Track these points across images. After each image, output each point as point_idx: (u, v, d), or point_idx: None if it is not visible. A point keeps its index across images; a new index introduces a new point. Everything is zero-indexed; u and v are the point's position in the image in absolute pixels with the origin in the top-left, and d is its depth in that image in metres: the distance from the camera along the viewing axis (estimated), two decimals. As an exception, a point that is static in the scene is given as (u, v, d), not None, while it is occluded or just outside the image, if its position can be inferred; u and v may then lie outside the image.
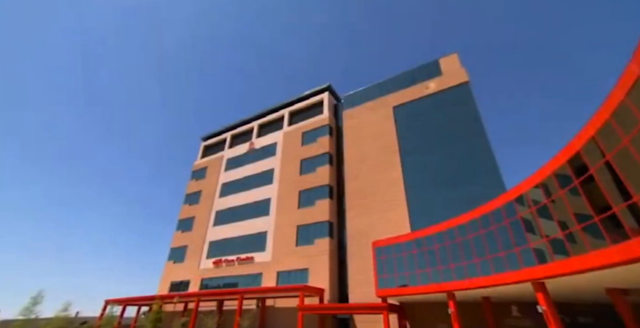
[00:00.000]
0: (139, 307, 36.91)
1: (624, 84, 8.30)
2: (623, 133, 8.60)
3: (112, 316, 28.87)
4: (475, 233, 16.85)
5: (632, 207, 8.80)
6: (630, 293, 12.91)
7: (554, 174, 12.50)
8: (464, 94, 28.45)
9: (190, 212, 43.16)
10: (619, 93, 8.52)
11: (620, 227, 9.30)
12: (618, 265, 9.48)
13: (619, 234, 9.36)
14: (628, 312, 12.29)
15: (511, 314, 19.76)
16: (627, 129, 8.44)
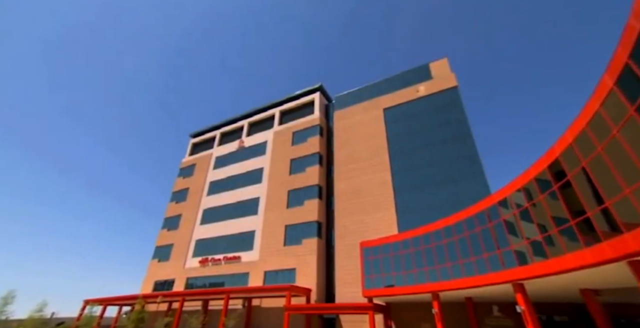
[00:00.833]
0: (120, 307, 35.95)
1: (599, 94, 8.72)
2: (597, 141, 9.01)
3: (91, 316, 27.94)
4: (460, 235, 17.27)
5: (604, 212, 9.25)
6: (601, 293, 13.56)
7: (535, 179, 12.96)
8: (453, 98, 29.08)
9: (177, 210, 42.33)
10: (594, 103, 8.94)
11: (594, 231, 9.76)
12: (591, 267, 9.94)
13: (593, 237, 9.81)
14: (599, 310, 12.93)
15: (492, 314, 20.33)
16: (601, 138, 8.85)
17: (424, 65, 33.54)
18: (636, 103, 7.17)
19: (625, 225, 8.38)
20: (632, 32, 7.02)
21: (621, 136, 8.02)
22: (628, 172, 8.04)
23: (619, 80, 7.72)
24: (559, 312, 19.10)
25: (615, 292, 13.24)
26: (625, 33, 7.34)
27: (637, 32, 6.79)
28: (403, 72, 35.02)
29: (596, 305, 13.16)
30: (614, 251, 8.83)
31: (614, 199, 8.77)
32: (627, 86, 7.43)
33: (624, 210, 8.44)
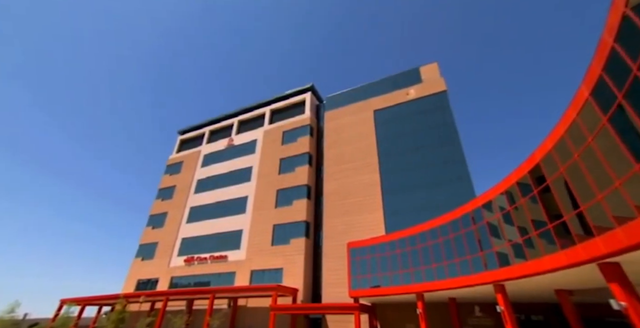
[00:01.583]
0: (100, 307, 34.92)
1: (576, 104, 9.11)
2: (574, 149, 9.42)
3: (67, 317, 26.90)
4: (446, 237, 17.63)
5: (579, 216, 9.67)
6: (574, 293, 14.16)
7: (517, 183, 13.38)
8: (442, 102, 29.64)
9: (163, 208, 41.50)
10: (571, 112, 9.34)
11: (570, 234, 10.18)
12: (566, 268, 10.37)
13: (568, 240, 10.23)
14: (571, 310, 13.52)
15: (474, 314, 20.86)
16: (577, 145, 9.25)
17: (414, 68, 34.06)
18: (609, 113, 7.54)
19: (597, 229, 8.79)
20: (605, 46, 7.39)
21: (595, 144, 8.41)
22: (601, 178, 8.43)
23: (594, 91, 8.10)
24: (535, 311, 19.80)
25: (586, 293, 13.85)
26: (599, 47, 7.71)
27: (609, 46, 7.15)
28: (394, 75, 35.46)
29: (569, 304, 13.74)
30: (587, 253, 9.24)
31: (587, 204, 9.19)
32: (601, 97, 7.81)
33: (597, 214, 8.86)
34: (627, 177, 7.31)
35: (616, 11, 6.84)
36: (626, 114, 6.94)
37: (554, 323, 18.58)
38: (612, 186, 7.95)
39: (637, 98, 6.56)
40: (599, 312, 15.54)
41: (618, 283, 8.78)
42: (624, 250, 7.77)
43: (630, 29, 6.42)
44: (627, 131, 7.06)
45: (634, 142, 6.89)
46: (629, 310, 8.26)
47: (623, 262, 8.80)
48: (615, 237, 8.01)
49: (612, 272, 8.99)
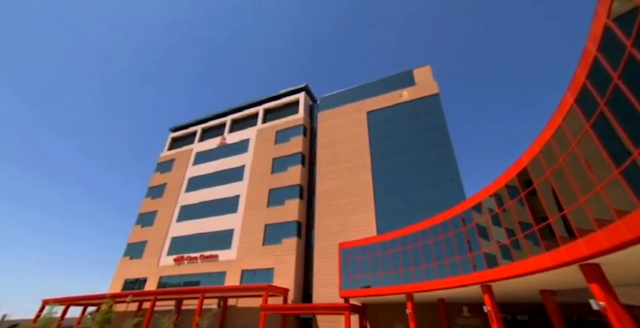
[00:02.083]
0: (84, 307, 34.12)
1: (561, 110, 9.39)
2: (560, 153, 9.70)
3: (50, 318, 26.11)
4: (436, 238, 17.87)
5: (564, 218, 9.96)
6: (557, 294, 14.57)
7: (506, 186, 13.67)
8: (434, 104, 30.04)
9: (153, 206, 40.87)
10: (557, 118, 9.62)
11: (554, 236, 10.46)
12: (550, 269, 10.66)
13: (553, 242, 10.52)
14: (555, 309, 13.92)
15: (462, 314, 21.20)
16: (562, 150, 9.53)
17: (407, 71, 34.41)
18: (592, 120, 7.81)
19: (580, 231, 9.08)
20: (589, 55, 7.65)
21: (579, 150, 8.68)
22: (584, 182, 8.71)
23: (578, 98, 8.37)
24: (521, 311, 20.27)
25: (569, 293, 14.26)
26: (583, 55, 7.97)
27: (593, 55, 7.40)
28: (387, 77, 35.76)
29: (553, 304, 14.13)
30: (569, 255, 9.52)
31: (571, 207, 9.47)
32: (585, 104, 8.07)
33: (579, 217, 9.15)
34: (608, 182, 7.57)
35: (599, 21, 7.09)
36: (608, 120, 7.19)
37: (538, 323, 19.06)
38: (594, 190, 8.22)
39: (618, 106, 6.80)
40: (580, 312, 16.04)
41: (598, 284, 9.08)
42: (604, 251, 8.04)
43: (612, 39, 6.66)
44: (608, 137, 7.32)
45: (614, 148, 7.15)
46: (607, 310, 8.56)
47: (603, 263, 9.10)
48: (596, 239, 8.29)
49: (593, 273, 9.29)
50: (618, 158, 7.06)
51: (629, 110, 6.38)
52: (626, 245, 7.26)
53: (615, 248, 7.59)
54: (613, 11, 6.50)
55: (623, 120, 6.72)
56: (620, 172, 7.02)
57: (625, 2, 6.04)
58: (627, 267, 9.50)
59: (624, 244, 7.26)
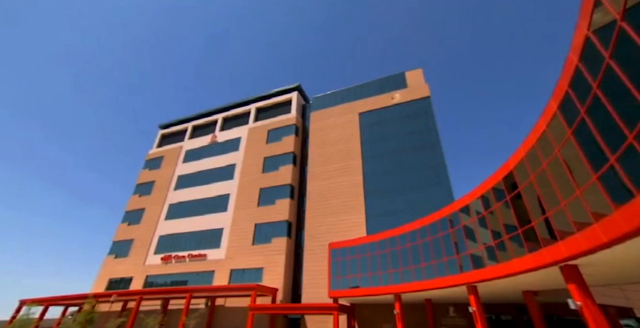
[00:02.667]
0: (65, 307, 33.12)
1: (545, 116, 9.72)
2: (544, 158, 10.03)
3: (27, 318, 25.13)
4: (424, 239, 18.13)
5: (547, 221, 10.29)
6: (539, 294, 15.03)
7: (493, 188, 13.98)
8: (425, 107, 30.47)
9: (140, 204, 40.09)
10: (542, 124, 9.95)
11: (537, 238, 10.79)
12: (532, 271, 10.99)
13: (536, 244, 10.85)
14: (536, 309, 14.36)
15: (448, 314, 21.58)
16: (546, 155, 9.86)
17: (400, 73, 34.81)
18: (573, 127, 8.12)
19: (560, 234, 9.41)
20: (571, 64, 7.96)
21: (561, 155, 9.00)
22: (565, 187, 9.04)
23: (561, 105, 8.69)
24: (505, 311, 20.80)
25: (550, 293, 14.74)
26: (566, 64, 8.29)
27: (574, 64, 7.71)
28: (380, 79, 36.09)
29: (535, 304, 14.57)
30: (551, 256, 9.86)
31: (553, 210, 9.80)
32: (567, 111, 8.39)
33: (561, 220, 9.47)
34: (587, 186, 7.88)
35: (580, 33, 7.39)
36: (588, 128, 7.49)
37: (521, 322, 19.60)
38: (574, 194, 8.54)
39: (597, 114, 7.10)
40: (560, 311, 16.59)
41: (575, 284, 9.43)
42: (582, 253, 8.36)
43: (592, 50, 6.95)
44: (588, 144, 7.62)
45: (593, 154, 7.45)
46: (583, 309, 8.90)
47: (581, 264, 9.46)
48: (575, 241, 8.61)
49: (571, 274, 9.64)
50: (597, 164, 7.36)
51: (607, 119, 6.66)
52: (602, 248, 7.57)
53: (592, 250, 7.91)
54: (593, 23, 6.78)
55: (601, 128, 7.02)
56: (598, 177, 7.32)
57: (604, 15, 6.31)
58: (603, 268, 9.90)
59: (600, 246, 7.57)
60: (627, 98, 5.90)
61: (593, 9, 6.67)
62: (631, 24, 5.54)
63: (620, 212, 6.62)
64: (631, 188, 6.18)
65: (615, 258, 8.65)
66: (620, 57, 6.05)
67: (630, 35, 5.57)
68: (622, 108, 6.20)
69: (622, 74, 6.05)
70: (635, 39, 5.43)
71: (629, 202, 6.29)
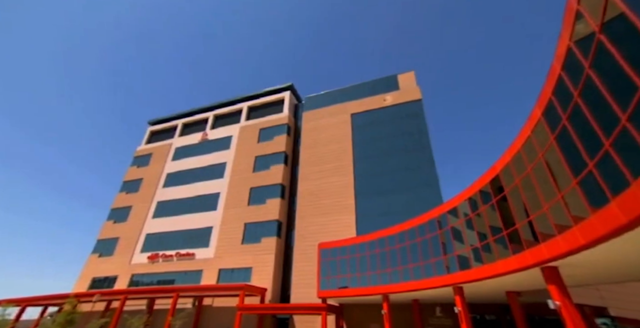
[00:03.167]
0: (44, 307, 32.08)
1: (530, 122, 10.05)
2: (528, 162, 10.35)
3: (2, 320, 24.12)
4: (412, 240, 18.38)
5: (530, 224, 10.61)
6: (522, 294, 15.47)
7: (480, 191, 14.30)
8: (417, 110, 30.90)
9: (127, 201, 39.27)
10: (527, 129, 10.27)
11: (521, 240, 11.11)
12: (516, 272, 11.31)
13: (520, 246, 11.17)
14: (519, 309, 14.78)
15: (435, 314, 21.92)
16: (531, 160, 10.19)
17: (392, 75, 35.18)
18: (555, 132, 8.42)
19: (543, 236, 9.73)
20: (554, 72, 8.26)
21: (544, 160, 9.32)
22: (547, 190, 9.35)
23: (545, 112, 9.00)
24: (489, 311, 21.28)
25: (532, 294, 15.18)
26: (550, 73, 8.60)
27: (557, 73, 8.01)
28: (372, 80, 36.39)
29: (517, 304, 14.99)
30: (533, 258, 10.18)
31: (536, 213, 10.12)
32: (551, 117, 8.70)
33: (543, 223, 9.80)
34: (568, 190, 8.18)
35: (563, 42, 7.69)
36: (569, 134, 7.79)
37: (504, 322, 20.10)
38: (556, 198, 8.85)
39: (577, 121, 7.39)
40: (541, 311, 17.10)
41: (555, 285, 9.77)
42: (562, 255, 8.67)
43: (573, 59, 7.24)
44: (569, 150, 7.92)
45: (574, 160, 7.74)
46: (561, 309, 9.24)
47: (560, 266, 9.81)
48: (556, 243, 8.91)
49: (551, 275, 9.98)
50: (577, 169, 7.65)
51: (587, 126, 6.95)
52: (580, 250, 7.87)
53: (571, 252, 8.21)
54: (575, 34, 7.07)
55: (581, 135, 7.31)
56: (578, 182, 7.61)
57: (585, 27, 6.59)
58: (581, 270, 10.28)
59: (578, 248, 7.87)
60: (605, 107, 6.17)
61: (575, 20, 6.95)
62: (609, 37, 5.80)
63: (597, 216, 6.90)
64: (607, 194, 6.46)
65: (593, 260, 9.01)
66: (599, 67, 6.32)
67: (607, 47, 5.83)
68: (601, 116, 6.48)
69: (600, 83, 6.33)
70: (612, 51, 5.70)
71: (605, 206, 6.57)
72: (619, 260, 8.98)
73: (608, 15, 5.67)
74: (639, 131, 5.32)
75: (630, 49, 5.28)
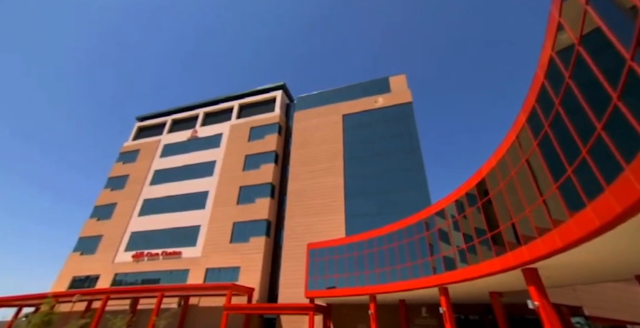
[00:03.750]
0: (19, 308, 30.86)
1: (515, 128, 10.38)
2: (512, 167, 10.68)
3: None
4: (400, 242, 18.62)
5: (513, 226, 10.94)
6: (504, 295, 15.92)
7: (466, 194, 14.65)
8: (407, 112, 31.33)
9: (112, 198, 38.27)
10: (512, 135, 10.60)
11: (504, 242, 11.45)
12: (499, 273, 11.65)
13: (503, 248, 11.50)
14: (500, 309, 15.21)
15: (421, 314, 22.24)
16: (515, 164, 10.52)
17: (384, 78, 35.54)
18: (538, 138, 8.74)
19: (524, 239, 10.06)
20: (538, 81, 8.58)
21: (527, 165, 9.64)
22: (530, 194, 9.68)
23: (529, 118, 9.33)
24: (472, 311, 21.77)
25: (513, 294, 15.66)
26: (534, 81, 8.93)
27: (541, 81, 8.32)
28: (364, 82, 36.68)
29: (499, 305, 15.43)
30: (515, 260, 10.51)
31: (519, 216, 10.46)
32: (534, 124, 9.02)
33: (525, 226, 10.13)
34: (549, 195, 8.50)
35: (546, 52, 8.00)
36: (550, 140, 8.10)
37: (486, 322, 20.61)
38: (537, 201, 9.17)
39: (558, 128, 7.70)
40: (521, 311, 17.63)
41: (534, 286, 10.12)
42: (542, 257, 9.00)
43: (555, 69, 7.54)
44: (550, 155, 8.23)
45: (555, 165, 8.06)
46: (540, 309, 9.58)
47: (540, 267, 10.16)
48: (536, 246, 9.24)
49: (531, 276, 10.34)
50: (557, 174, 7.96)
51: (567, 133, 7.25)
52: (558, 252, 8.19)
53: (550, 254, 8.54)
54: (557, 44, 7.37)
55: (561, 141, 7.62)
56: (558, 186, 7.92)
57: (566, 38, 6.89)
58: (559, 271, 10.69)
59: (556, 251, 8.19)
60: (583, 116, 6.46)
61: (557, 31, 7.24)
62: (586, 49, 6.08)
63: (574, 220, 7.21)
64: (584, 198, 6.75)
65: (570, 262, 9.38)
66: (578, 77, 6.62)
67: (585, 58, 6.12)
68: (579, 124, 6.78)
69: (578, 93, 6.62)
70: (589, 63, 5.98)
71: (581, 211, 6.87)
72: (594, 262, 9.39)
73: (586, 29, 5.95)
74: (612, 140, 5.60)
75: (606, 62, 5.55)
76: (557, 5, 7.14)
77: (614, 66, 5.15)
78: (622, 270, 10.21)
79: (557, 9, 7.19)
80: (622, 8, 4.71)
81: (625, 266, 9.65)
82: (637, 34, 4.40)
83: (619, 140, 5.44)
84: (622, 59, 4.93)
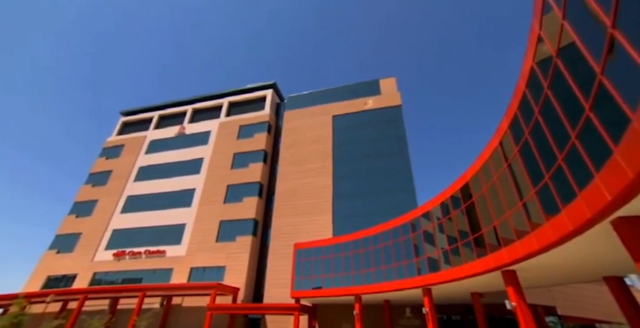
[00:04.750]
0: None
1: (498, 134, 10.75)
2: (495, 172, 11.05)
3: None
4: (386, 243, 18.84)
5: (494, 229, 11.31)
6: (484, 295, 16.42)
7: (451, 197, 15.00)
8: (396, 115, 31.76)
9: (93, 195, 37.03)
10: (495, 140, 10.97)
11: (485, 245, 11.82)
12: (480, 274, 12.00)
13: (484, 250, 11.86)
14: (481, 309, 15.68)
15: (405, 315, 22.57)
16: (497, 169, 10.89)
17: (374, 80, 35.91)
18: (519, 145, 9.09)
19: (504, 241, 10.42)
20: (520, 89, 8.94)
21: (508, 170, 10.01)
22: (510, 198, 10.05)
23: (511, 125, 9.69)
24: (454, 312, 22.31)
25: (493, 295, 16.16)
26: (516, 89, 9.29)
27: (522, 90, 8.68)
28: (355, 84, 36.96)
29: (479, 305, 15.90)
30: (495, 262, 10.87)
31: (500, 219, 10.83)
32: (516, 131, 9.38)
33: (505, 229, 10.50)
34: (527, 199, 8.85)
35: (527, 62, 8.35)
36: (530, 147, 8.45)
37: (467, 322, 21.18)
38: (517, 206, 9.53)
39: (537, 136, 8.04)
40: (500, 311, 18.26)
41: (512, 287, 10.51)
42: (520, 259, 9.35)
43: (535, 79, 7.88)
44: (530, 161, 8.58)
45: (534, 171, 8.40)
46: (517, 309, 9.97)
47: (518, 269, 10.56)
48: (514, 248, 9.60)
49: (510, 278, 10.72)
50: (535, 179, 8.31)
51: (545, 141, 7.58)
52: (535, 254, 8.54)
53: (527, 256, 8.89)
54: (537, 55, 7.71)
55: (540, 149, 7.96)
56: (536, 191, 8.27)
57: (546, 50, 7.22)
58: (535, 273, 11.12)
59: (533, 253, 8.54)
60: (559, 124, 6.78)
61: (537, 42, 7.57)
62: (563, 61, 6.40)
63: (550, 223, 7.54)
64: (559, 203, 7.08)
65: (546, 264, 9.79)
66: (555, 88, 6.94)
67: (562, 70, 6.44)
68: (556, 132, 7.10)
69: (556, 102, 6.95)
70: (565, 74, 6.30)
71: (556, 215, 7.20)
72: (568, 264, 9.83)
73: (563, 42, 6.26)
74: (585, 148, 5.91)
75: (580, 74, 5.86)
76: (538, 18, 7.47)
77: (587, 78, 5.44)
78: (592, 272, 10.73)
79: (537, 22, 7.51)
80: (596, 23, 4.99)
81: (595, 268, 10.15)
82: (607, 49, 4.67)
83: (591, 149, 5.74)
84: (593, 72, 5.21)
